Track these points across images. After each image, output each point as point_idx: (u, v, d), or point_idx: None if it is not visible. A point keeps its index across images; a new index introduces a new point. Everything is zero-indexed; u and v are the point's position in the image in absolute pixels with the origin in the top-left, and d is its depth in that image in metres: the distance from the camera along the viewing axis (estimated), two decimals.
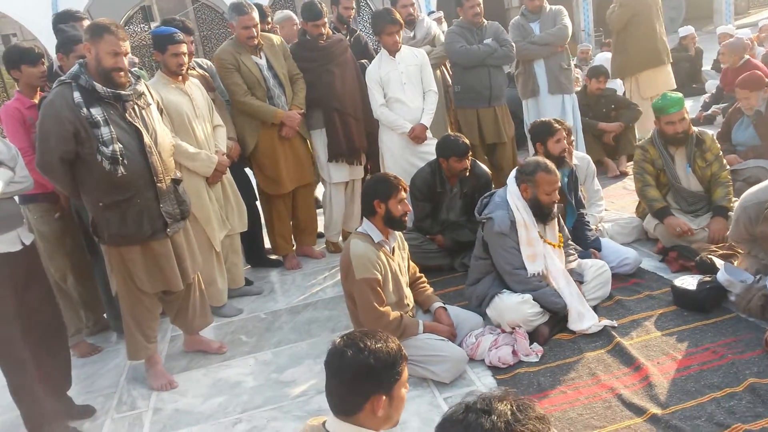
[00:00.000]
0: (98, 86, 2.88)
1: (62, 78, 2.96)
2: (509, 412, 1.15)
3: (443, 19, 6.69)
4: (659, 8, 6.18)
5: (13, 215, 2.84)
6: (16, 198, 3.02)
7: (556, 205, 3.31)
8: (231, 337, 3.78)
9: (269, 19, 4.94)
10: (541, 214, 3.26)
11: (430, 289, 3.40)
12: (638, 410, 2.54)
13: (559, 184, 3.27)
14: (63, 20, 4.07)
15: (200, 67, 4.41)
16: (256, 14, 4.24)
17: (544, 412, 1.19)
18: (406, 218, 3.08)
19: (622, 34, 6.15)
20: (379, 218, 3.02)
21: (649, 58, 6.08)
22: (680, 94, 4.02)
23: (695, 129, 4.02)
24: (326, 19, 4.55)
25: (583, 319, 3.20)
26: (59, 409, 3.05)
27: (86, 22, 3.97)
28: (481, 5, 4.93)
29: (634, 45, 6.04)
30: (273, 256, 4.92)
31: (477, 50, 4.85)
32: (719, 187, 3.94)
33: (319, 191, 4.94)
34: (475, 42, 4.92)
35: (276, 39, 4.49)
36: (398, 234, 3.21)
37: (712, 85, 8.15)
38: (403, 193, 3.03)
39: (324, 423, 1.77)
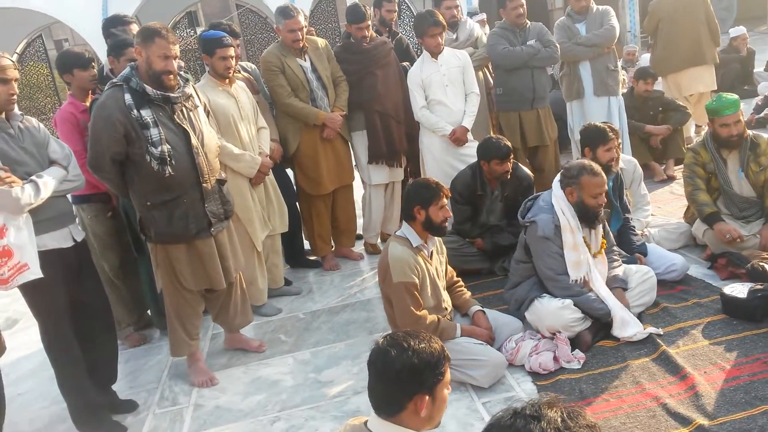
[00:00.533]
0: (148, 88, 2.95)
1: (114, 80, 3.04)
2: (559, 419, 1.12)
3: (486, 21, 6.64)
4: (706, 9, 6.09)
5: (65, 213, 2.94)
6: (70, 198, 3.13)
7: (602, 209, 3.23)
8: (270, 336, 3.83)
9: (306, 23, 4.98)
10: (588, 218, 3.19)
11: (468, 293, 3.37)
12: (684, 420, 2.46)
13: (605, 186, 3.20)
14: (113, 25, 4.20)
15: (244, 70, 4.49)
16: (302, 18, 4.30)
17: (594, 420, 1.16)
18: (446, 224, 3.06)
19: (658, 35, 6.31)
20: (419, 223, 3.01)
21: (685, 57, 6.07)
22: (736, 96, 3.88)
23: (750, 132, 3.89)
24: (369, 22, 4.58)
25: (627, 326, 3.12)
26: (104, 403, 3.14)
27: (135, 27, 4.09)
28: (524, 6, 4.87)
29: (669, 45, 6.14)
30: (311, 257, 4.96)
31: (520, 51, 4.80)
32: None
33: (358, 193, 4.95)
34: (518, 43, 4.86)
35: (321, 42, 4.56)
36: (437, 238, 3.20)
37: (765, 87, 7.87)
38: (444, 199, 3.01)
39: (365, 423, 1.77)
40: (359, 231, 5.13)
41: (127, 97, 2.93)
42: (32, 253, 2.66)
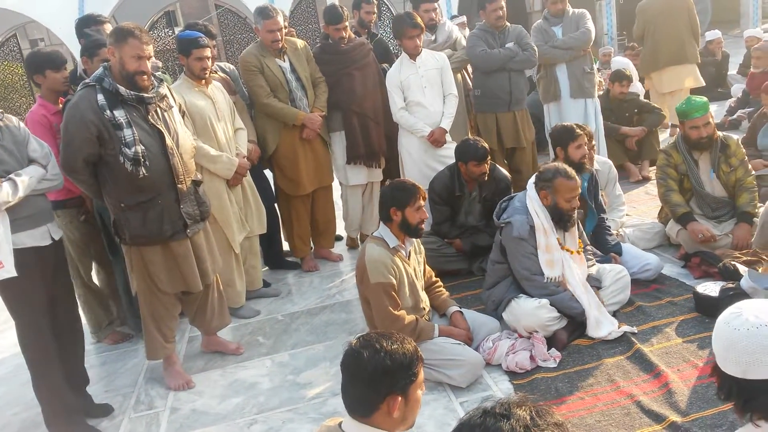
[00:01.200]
0: (122, 89, 2.92)
1: (86, 81, 3.00)
2: (528, 417, 1.14)
3: (466, 24, 6.67)
4: (689, 12, 6.44)
5: (43, 211, 2.91)
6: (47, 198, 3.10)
7: (576, 212, 3.27)
8: (248, 338, 3.81)
9: (286, 23, 4.96)
10: (561, 220, 3.23)
11: (446, 293, 3.39)
12: (657, 417, 2.50)
13: (578, 190, 3.23)
14: (86, 24, 4.15)
15: (222, 70, 4.46)
16: (281, 18, 4.30)
17: (562, 418, 1.18)
18: (423, 226, 3.07)
19: (645, 39, 6.64)
20: (395, 225, 3.02)
21: (667, 56, 6.38)
22: (705, 99, 3.95)
23: (720, 134, 3.96)
24: (347, 23, 4.58)
25: (601, 326, 3.16)
26: (79, 407, 3.10)
27: (108, 26, 4.04)
28: (504, 9, 4.90)
29: (653, 45, 6.48)
30: (290, 259, 4.94)
31: (498, 54, 4.83)
32: (744, 192, 3.87)
33: (339, 194, 4.96)
34: (496, 46, 4.89)
35: (300, 43, 4.55)
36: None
37: (738, 89, 8.02)
38: (420, 201, 3.01)
39: (340, 424, 1.77)
40: (340, 232, 5.13)
41: (100, 97, 2.90)
42: (7, 251, 2.64)
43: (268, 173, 4.71)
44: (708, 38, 9.04)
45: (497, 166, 4.32)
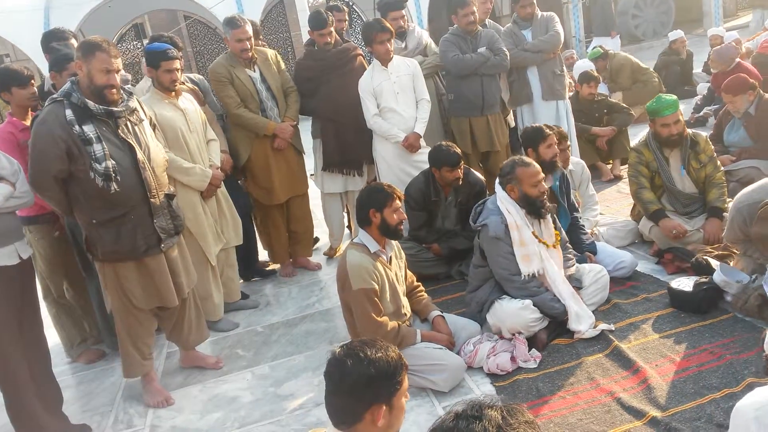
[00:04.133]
0: (90, 103, 2.87)
1: (54, 96, 2.95)
2: (499, 417, 1.15)
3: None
4: None
5: (11, 229, 2.86)
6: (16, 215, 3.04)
7: (546, 198, 3.30)
8: (228, 351, 3.76)
9: (261, 35, 4.95)
10: (534, 208, 3.26)
11: (427, 298, 3.40)
12: (637, 413, 2.53)
13: (541, 174, 3.28)
14: (52, 39, 4.08)
15: (191, 81, 4.42)
16: (249, 28, 4.28)
17: (532, 416, 1.19)
18: (402, 227, 3.08)
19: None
20: (375, 228, 3.02)
21: None
22: (674, 97, 4.02)
23: (689, 131, 4.03)
24: (332, 29, 4.58)
25: (581, 319, 3.19)
26: (56, 428, 3.02)
27: (74, 41, 3.98)
28: (476, 14, 4.95)
29: None
30: (268, 268, 4.91)
31: (470, 59, 4.86)
32: (714, 188, 3.95)
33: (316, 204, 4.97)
34: (468, 50, 4.92)
35: (270, 53, 4.55)
36: (395, 243, 3.21)
37: (703, 87, 8.19)
38: (398, 202, 3.03)
39: None
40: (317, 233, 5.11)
41: (68, 112, 2.85)
42: None
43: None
44: (671, 38, 9.22)
45: (471, 169, 4.35)
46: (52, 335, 3.88)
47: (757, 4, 12.33)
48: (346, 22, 5.40)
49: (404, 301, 3.18)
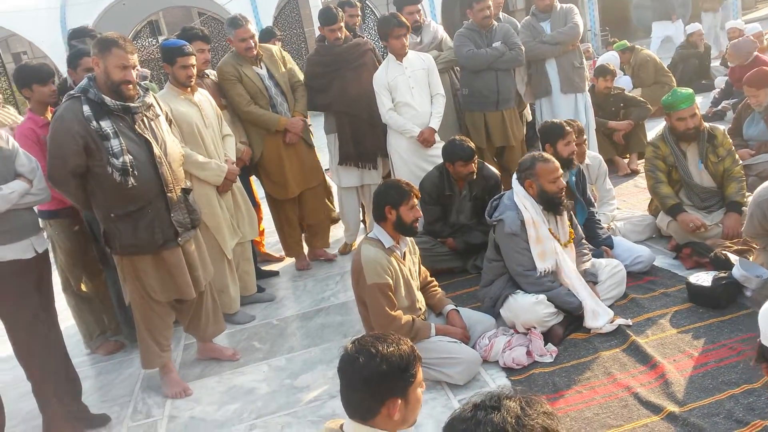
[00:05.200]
0: (107, 99, 2.90)
1: (71, 92, 2.99)
2: (518, 408, 1.15)
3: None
4: None
5: (27, 224, 2.90)
6: (35, 210, 3.07)
7: (564, 193, 3.28)
8: (244, 344, 3.79)
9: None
10: (553, 204, 3.24)
11: (441, 292, 3.39)
12: (655, 408, 2.51)
13: (560, 170, 3.27)
14: (76, 36, 4.11)
15: (207, 76, 4.45)
16: (252, 26, 4.32)
17: (551, 408, 1.19)
18: (417, 224, 3.07)
19: None
20: (390, 224, 3.02)
21: None
22: (690, 90, 3.98)
23: (706, 125, 3.98)
24: (342, 24, 4.58)
25: (598, 316, 3.17)
26: (80, 414, 3.09)
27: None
28: (491, 8, 4.91)
29: None
30: (267, 267, 4.91)
31: (485, 54, 4.83)
32: (732, 182, 3.90)
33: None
34: (483, 45, 4.89)
35: (275, 49, 4.59)
36: (409, 238, 3.21)
37: (721, 81, 8.09)
38: (414, 199, 3.03)
39: (341, 426, 1.76)
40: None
41: (86, 108, 2.88)
42: None
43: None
44: (689, 31, 9.10)
45: (485, 163, 4.34)
46: (71, 327, 3.95)
47: None
48: (359, 18, 5.39)
49: (419, 295, 3.18)
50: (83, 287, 3.89)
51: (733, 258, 3.43)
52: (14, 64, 19.41)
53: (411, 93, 4.45)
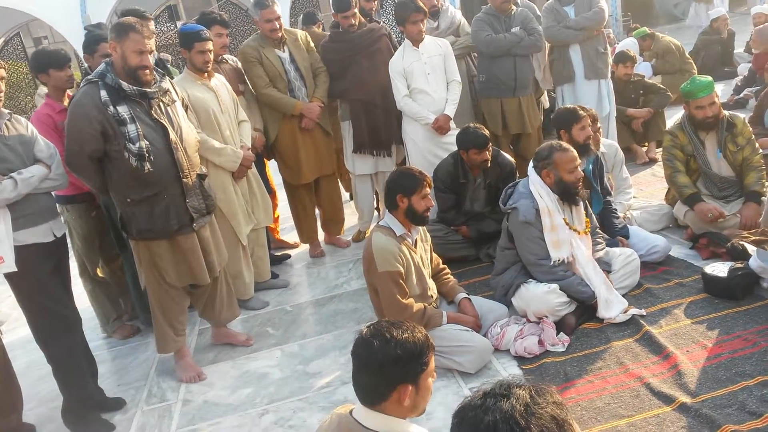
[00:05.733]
0: (124, 84, 2.93)
1: (89, 77, 3.01)
2: (528, 396, 1.15)
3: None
4: None
5: (46, 209, 2.95)
6: (53, 195, 3.13)
7: (581, 184, 3.25)
8: (258, 329, 3.83)
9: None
10: (569, 194, 3.22)
11: (454, 280, 3.39)
12: (667, 399, 2.50)
13: (578, 160, 3.24)
14: (125, 15, 4.04)
15: (226, 62, 4.45)
16: (278, 8, 4.30)
17: (561, 398, 1.19)
18: (429, 213, 3.06)
19: None
20: (401, 212, 3.02)
21: None
22: (710, 78, 3.91)
23: (726, 113, 3.91)
24: (356, 10, 4.56)
25: (611, 306, 3.16)
26: (99, 397, 3.16)
27: (151, 24, 3.90)
28: None
29: None
30: (279, 253, 4.94)
31: (503, 39, 4.78)
32: (751, 171, 3.83)
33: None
34: (501, 30, 4.84)
35: (300, 33, 4.57)
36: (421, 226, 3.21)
37: (744, 68, 7.93)
38: (427, 188, 3.01)
39: (351, 411, 1.78)
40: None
41: (103, 93, 2.90)
42: (7, 247, 2.72)
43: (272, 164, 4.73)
44: (712, 16, 8.91)
45: (501, 151, 4.30)
46: (87, 311, 4.01)
47: None
48: (376, 2, 5.36)
49: (430, 283, 3.18)
50: (99, 272, 3.95)
51: (751, 249, 3.38)
52: (35, 48, 19.60)
53: (427, 79, 4.42)
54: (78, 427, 3.03)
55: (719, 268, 3.27)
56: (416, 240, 3.13)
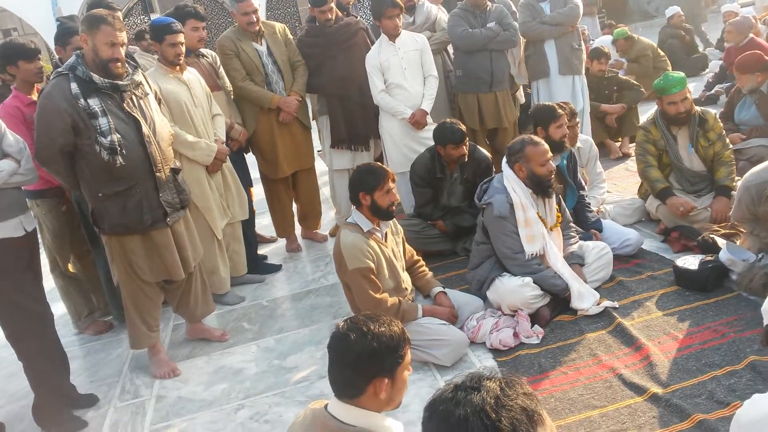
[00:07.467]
0: (95, 77, 2.88)
1: (59, 69, 2.96)
2: (498, 388, 1.16)
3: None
4: None
5: (16, 203, 2.89)
6: (23, 189, 3.06)
7: (554, 177, 3.28)
8: (233, 324, 3.80)
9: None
10: (542, 187, 3.25)
11: (430, 274, 3.40)
12: (639, 389, 2.54)
13: (550, 153, 3.27)
14: (94, 7, 3.98)
15: (203, 56, 4.39)
16: (255, 1, 4.25)
17: (531, 389, 1.20)
18: (394, 208, 3.06)
19: None
20: (366, 209, 3.01)
21: None
22: (682, 74, 3.97)
23: (698, 108, 3.98)
24: (333, 4, 4.54)
25: (584, 297, 3.20)
26: (71, 394, 3.11)
27: (119, 14, 3.84)
28: None
29: None
30: (270, 262, 4.77)
31: (479, 34, 4.79)
32: (722, 166, 3.91)
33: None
34: (477, 25, 4.85)
35: (278, 26, 4.54)
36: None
37: (715, 65, 8.08)
38: (390, 183, 2.99)
39: (326, 406, 1.78)
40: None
41: (74, 86, 2.85)
42: None
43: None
44: (668, 14, 9.24)
45: (477, 146, 4.33)
46: (59, 307, 3.94)
47: None
48: None
49: (404, 276, 3.18)
50: (71, 268, 3.88)
51: (721, 242, 3.46)
52: (4, 40, 19.16)
53: (403, 74, 4.42)
54: (49, 424, 2.98)
55: (690, 261, 3.33)
56: (386, 233, 3.13)
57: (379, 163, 3.63)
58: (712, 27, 10.11)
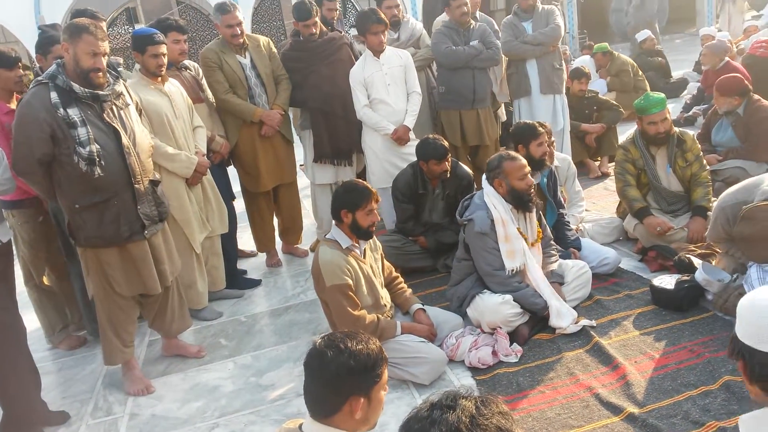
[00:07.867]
0: (75, 86, 2.85)
1: (39, 78, 2.92)
2: (473, 407, 1.16)
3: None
4: None
5: None
6: None
7: (533, 191, 3.30)
8: (210, 340, 3.75)
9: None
10: (522, 201, 3.27)
11: (409, 291, 3.39)
12: (615, 409, 2.55)
13: (528, 168, 3.30)
14: (78, 16, 3.94)
15: (186, 69, 4.37)
16: (239, 13, 4.26)
17: (507, 408, 1.20)
18: (374, 228, 3.06)
19: None
20: (346, 226, 3.01)
21: None
22: (662, 95, 4.05)
23: (677, 129, 4.05)
24: (317, 19, 4.55)
25: (562, 316, 3.21)
26: (42, 411, 3.03)
27: (103, 24, 3.81)
28: (469, 6, 4.92)
29: None
30: (250, 277, 4.69)
31: (462, 52, 4.84)
32: (699, 187, 3.97)
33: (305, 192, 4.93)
34: (461, 43, 4.91)
35: (263, 39, 4.54)
36: None
37: (693, 87, 8.24)
38: (373, 204, 3.00)
39: (300, 426, 1.76)
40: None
41: (53, 95, 2.82)
42: None
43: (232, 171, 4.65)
44: (639, 39, 9.43)
45: (459, 163, 4.35)
46: (32, 321, 3.86)
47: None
48: (339, 11, 5.36)
49: (383, 292, 3.17)
50: (46, 280, 3.80)
51: (697, 262, 3.50)
52: None
53: (387, 90, 4.44)
54: None
55: (666, 281, 3.37)
56: (365, 250, 3.12)
57: (362, 180, 3.62)
58: (690, 50, 10.31)
